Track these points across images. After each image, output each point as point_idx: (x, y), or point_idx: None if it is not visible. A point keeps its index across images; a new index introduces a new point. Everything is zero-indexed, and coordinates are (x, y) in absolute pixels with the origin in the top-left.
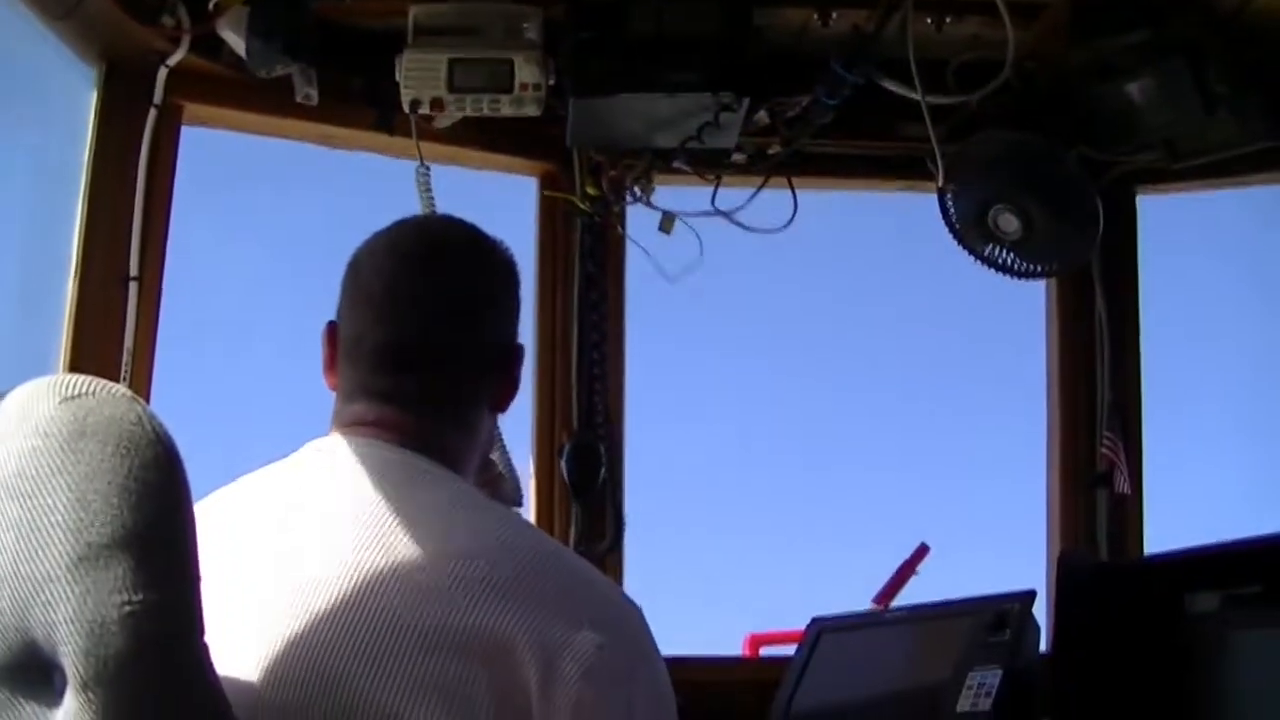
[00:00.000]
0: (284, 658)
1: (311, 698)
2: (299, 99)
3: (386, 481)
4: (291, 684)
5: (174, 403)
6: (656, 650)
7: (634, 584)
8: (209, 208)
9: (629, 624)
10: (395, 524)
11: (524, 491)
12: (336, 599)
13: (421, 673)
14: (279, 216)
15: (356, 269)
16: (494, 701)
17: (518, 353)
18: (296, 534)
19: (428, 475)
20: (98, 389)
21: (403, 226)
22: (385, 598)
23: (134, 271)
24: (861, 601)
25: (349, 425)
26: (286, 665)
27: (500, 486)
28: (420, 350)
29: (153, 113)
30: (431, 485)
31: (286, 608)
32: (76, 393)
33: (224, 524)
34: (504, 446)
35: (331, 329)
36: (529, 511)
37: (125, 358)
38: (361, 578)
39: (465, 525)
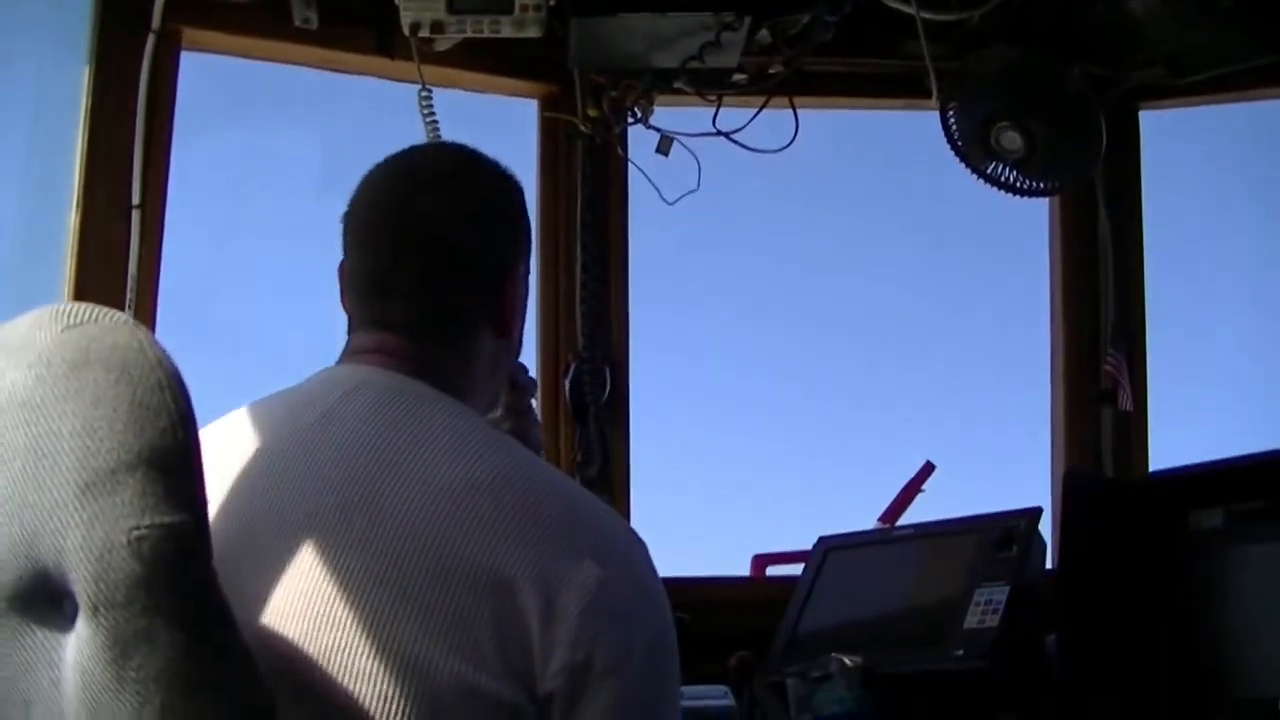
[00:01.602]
0: (288, 584)
1: (316, 624)
2: (298, 23)
3: (390, 410)
4: (294, 612)
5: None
6: (659, 584)
7: (641, 506)
8: (211, 135)
9: (632, 559)
10: (400, 455)
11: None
12: (339, 528)
13: (425, 604)
14: (282, 142)
15: (351, 204)
16: (496, 633)
17: (512, 272)
18: (301, 461)
19: (432, 404)
20: (100, 316)
21: (393, 157)
22: (387, 529)
23: (136, 200)
24: (868, 520)
25: (353, 353)
26: (290, 592)
27: (530, 432)
28: (403, 274)
29: (151, 38)
30: (436, 414)
31: (291, 534)
32: (79, 320)
33: (230, 450)
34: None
35: (341, 266)
36: None
37: (129, 286)
38: (366, 511)
39: (467, 458)
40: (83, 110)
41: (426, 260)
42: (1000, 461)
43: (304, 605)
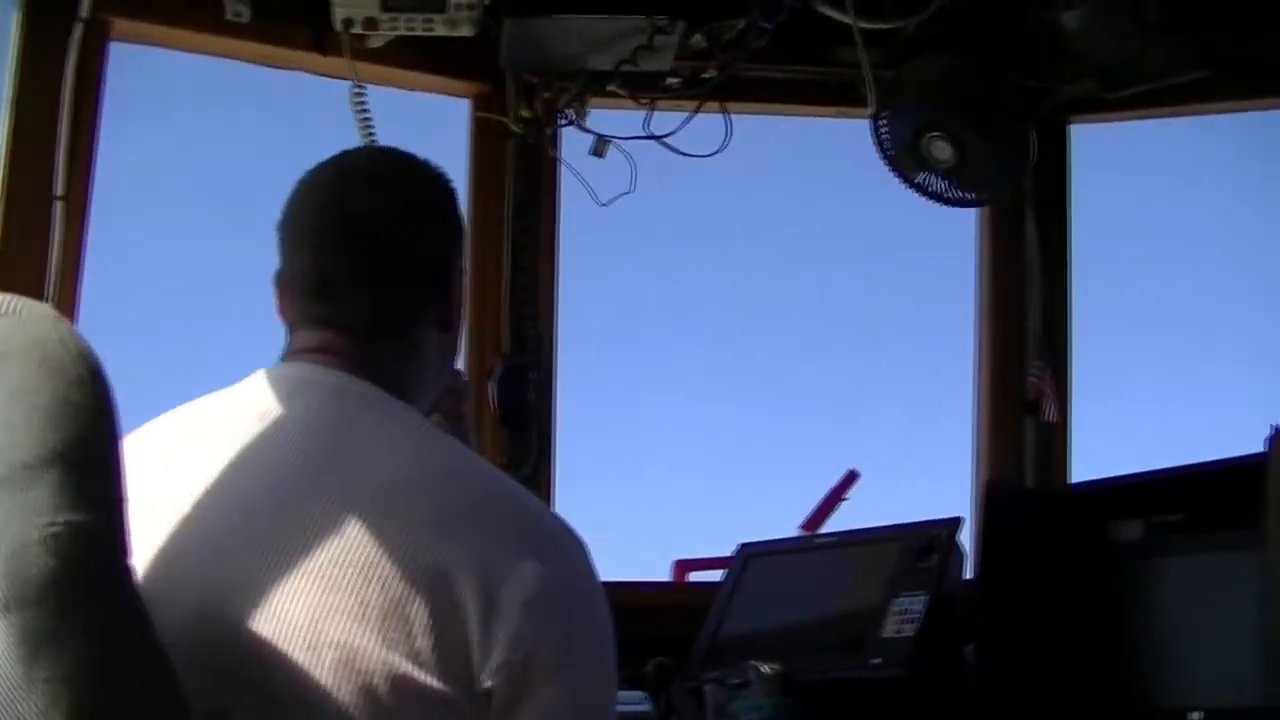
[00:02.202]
0: (220, 584)
1: (243, 624)
2: (230, 16)
3: (333, 408)
4: (224, 609)
5: (103, 325)
6: (597, 582)
7: (564, 509)
8: (140, 127)
9: (572, 556)
10: (340, 452)
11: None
12: (278, 527)
13: (361, 598)
14: (214, 139)
15: (287, 209)
16: (433, 624)
17: (451, 266)
18: (241, 462)
19: (374, 402)
20: (21, 308)
21: (326, 161)
22: (327, 527)
23: (60, 191)
24: (790, 528)
25: (296, 352)
26: (220, 591)
27: (467, 437)
28: (344, 272)
29: (79, 27)
30: (378, 412)
31: (226, 534)
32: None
33: (165, 450)
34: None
35: (278, 275)
36: None
37: (51, 278)
38: (304, 507)
39: (410, 454)
40: (7, 99)
41: (367, 258)
42: (923, 471)
43: (243, 600)
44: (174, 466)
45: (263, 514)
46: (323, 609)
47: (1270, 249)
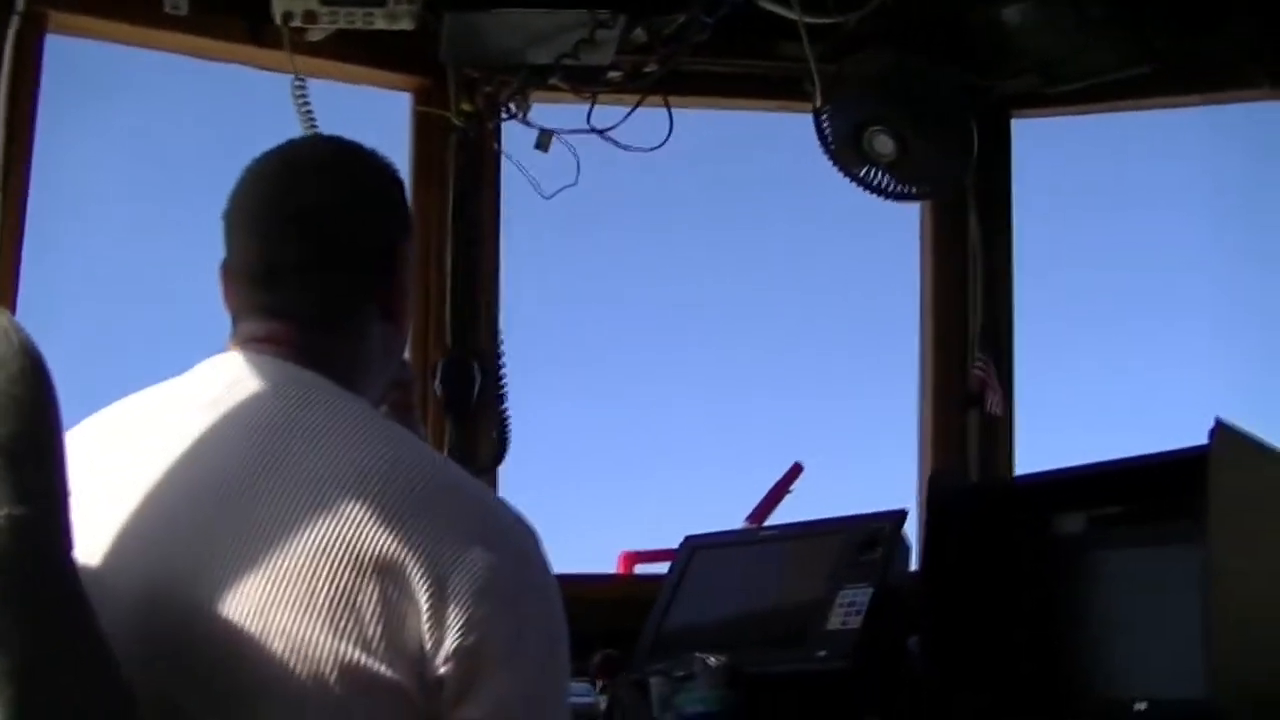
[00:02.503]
0: (167, 574)
1: (192, 615)
2: (167, 9)
3: (279, 399)
4: (172, 600)
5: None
6: (549, 571)
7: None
8: (78, 120)
9: (522, 545)
10: (288, 442)
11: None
12: (225, 517)
13: (309, 588)
14: (154, 131)
15: (232, 198)
16: (383, 613)
17: (397, 255)
18: (186, 452)
19: (321, 392)
20: None
21: (271, 150)
22: (274, 515)
23: None
24: (735, 521)
25: (241, 342)
26: (168, 581)
27: (415, 429)
28: (289, 260)
29: (15, 20)
30: (324, 403)
31: (172, 525)
32: None
33: (109, 442)
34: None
35: (224, 264)
36: None
37: None
38: (250, 495)
39: (358, 444)
40: None
41: (312, 246)
42: (868, 464)
43: (190, 590)
44: (120, 458)
45: (210, 505)
46: (270, 599)
47: (1212, 242)
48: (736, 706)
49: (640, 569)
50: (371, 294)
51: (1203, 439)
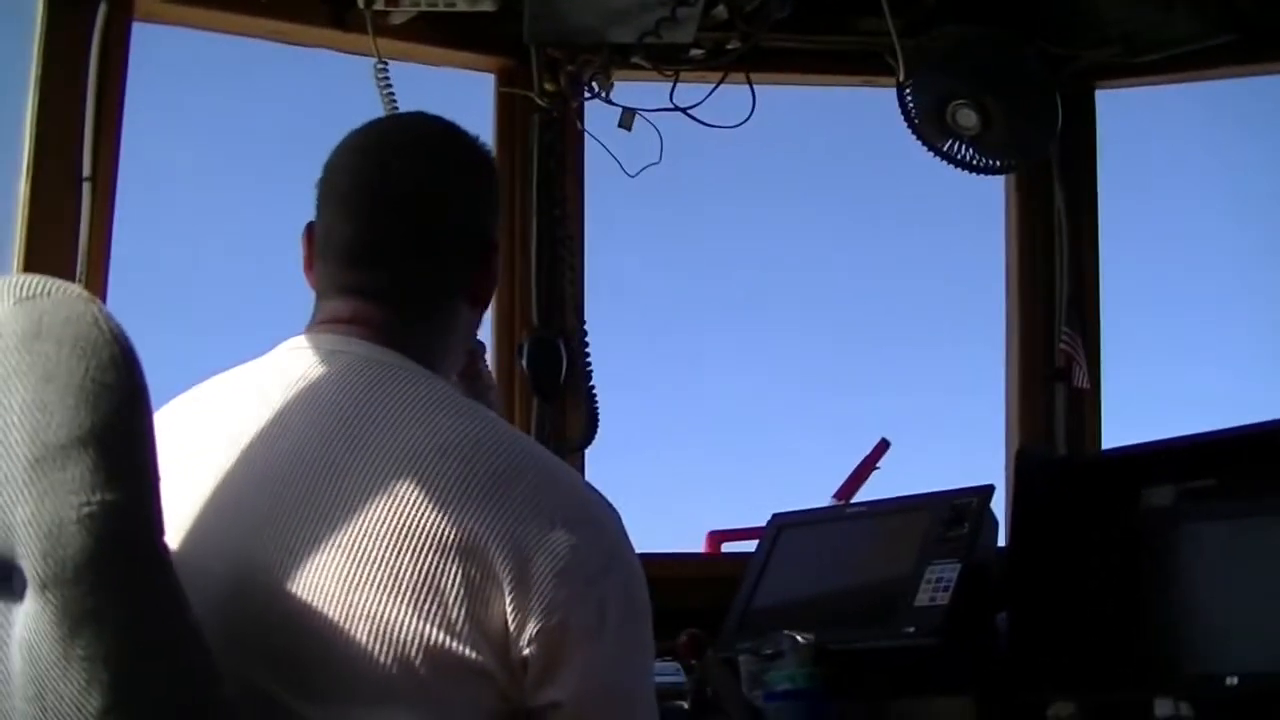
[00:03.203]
0: (251, 557)
1: (275, 597)
2: None
3: (361, 379)
4: (256, 583)
5: (131, 303)
6: (632, 551)
7: (597, 479)
8: (164, 107)
9: (604, 524)
10: (368, 422)
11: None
12: (307, 498)
13: (392, 570)
14: (238, 116)
15: (327, 168)
16: (467, 594)
17: (492, 244)
18: (268, 433)
19: (403, 372)
20: (53, 289)
21: (372, 123)
22: (355, 496)
23: (87, 172)
24: (823, 498)
25: (324, 322)
26: (251, 565)
27: (487, 396)
28: (387, 243)
29: (103, 8)
30: (406, 383)
31: (254, 507)
32: (32, 293)
33: (193, 424)
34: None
35: (309, 229)
36: None
37: (80, 258)
38: (331, 476)
39: (439, 424)
40: (32, 80)
41: (411, 230)
42: (956, 439)
43: (274, 573)
44: (204, 441)
45: (293, 487)
46: (354, 581)
47: None
48: (825, 684)
49: (727, 547)
50: (464, 279)
51: None
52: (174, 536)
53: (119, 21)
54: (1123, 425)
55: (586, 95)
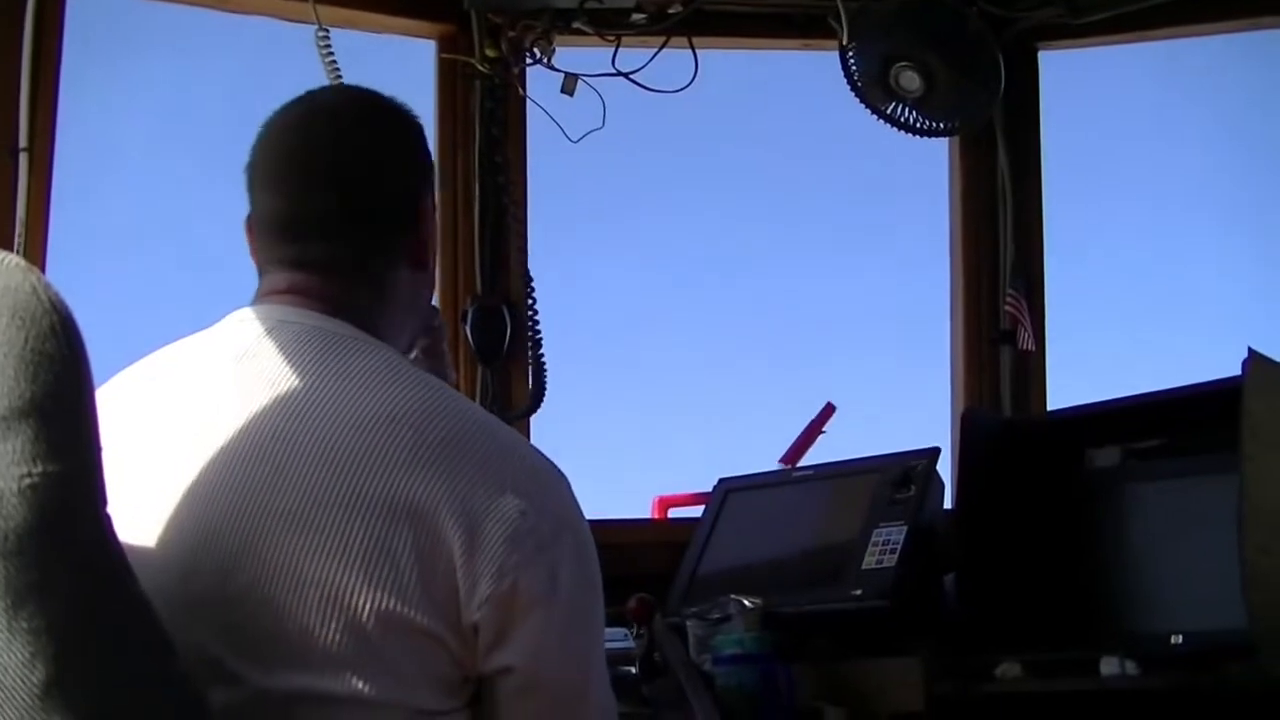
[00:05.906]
0: (205, 530)
1: (230, 566)
2: None
3: (309, 349)
4: (210, 553)
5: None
6: (582, 517)
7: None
8: (104, 77)
9: (553, 490)
10: (315, 391)
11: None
12: (255, 467)
13: (343, 537)
14: (179, 85)
15: (254, 149)
16: (417, 560)
17: (421, 205)
18: (219, 406)
19: (349, 341)
20: None
21: (293, 101)
22: (305, 464)
23: (23, 142)
24: (769, 462)
25: (267, 294)
26: (204, 535)
27: (445, 374)
28: (315, 214)
29: None
30: (353, 351)
31: (207, 480)
32: None
33: (143, 397)
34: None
35: (248, 219)
36: None
37: (18, 229)
38: (281, 446)
39: (389, 392)
40: None
41: (336, 198)
42: (901, 402)
43: (225, 543)
44: (154, 415)
45: (242, 457)
46: (305, 549)
47: (1247, 169)
48: (772, 647)
49: (674, 513)
50: (397, 244)
51: (1237, 369)
52: (127, 512)
53: None
54: (1069, 387)
55: (528, 61)
